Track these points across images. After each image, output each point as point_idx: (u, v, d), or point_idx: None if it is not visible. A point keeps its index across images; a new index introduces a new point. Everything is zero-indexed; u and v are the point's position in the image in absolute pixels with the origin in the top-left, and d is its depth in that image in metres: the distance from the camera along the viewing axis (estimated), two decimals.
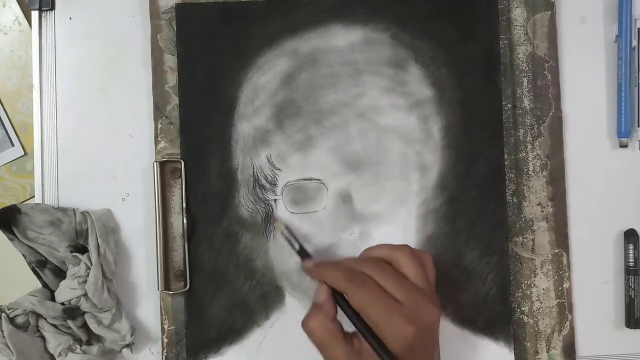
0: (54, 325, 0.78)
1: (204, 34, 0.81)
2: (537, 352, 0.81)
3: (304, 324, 0.70)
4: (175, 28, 0.81)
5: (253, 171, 0.81)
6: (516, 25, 0.82)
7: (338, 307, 0.71)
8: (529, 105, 0.82)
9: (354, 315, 0.69)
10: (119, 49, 0.83)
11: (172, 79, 0.81)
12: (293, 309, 0.81)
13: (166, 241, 0.81)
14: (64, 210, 0.79)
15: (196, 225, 0.81)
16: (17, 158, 0.85)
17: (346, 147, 0.80)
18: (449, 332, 0.80)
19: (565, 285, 0.81)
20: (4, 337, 0.75)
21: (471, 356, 0.81)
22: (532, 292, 0.81)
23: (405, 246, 0.72)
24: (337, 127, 0.80)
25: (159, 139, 0.81)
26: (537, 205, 0.82)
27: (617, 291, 0.83)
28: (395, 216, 0.81)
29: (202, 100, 0.81)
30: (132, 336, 0.79)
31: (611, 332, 0.83)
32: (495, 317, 0.81)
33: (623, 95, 0.82)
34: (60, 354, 0.77)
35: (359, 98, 0.81)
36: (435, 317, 0.69)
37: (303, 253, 0.77)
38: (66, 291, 0.77)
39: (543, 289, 0.81)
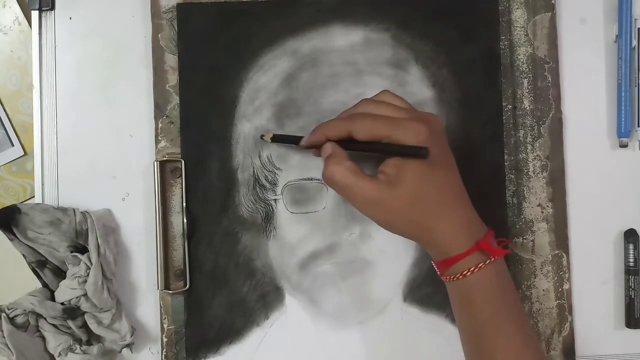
0: (54, 325, 0.78)
1: (205, 33, 0.81)
2: None
3: (324, 176, 0.70)
4: (176, 27, 0.81)
5: (253, 171, 0.81)
6: (517, 27, 0.82)
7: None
8: (529, 106, 0.82)
9: (367, 145, 0.69)
10: (119, 48, 0.83)
11: (172, 78, 0.81)
12: (292, 309, 0.81)
13: (166, 241, 0.81)
14: (64, 210, 0.79)
15: (196, 225, 0.81)
16: (17, 158, 0.85)
17: None
18: (450, 333, 0.80)
19: (565, 286, 0.81)
20: (4, 337, 0.75)
21: None
22: (532, 293, 0.81)
23: (385, 90, 0.73)
24: None
25: (160, 139, 0.81)
26: (537, 206, 0.82)
27: (617, 291, 0.83)
28: None
29: (202, 99, 0.81)
30: (132, 336, 0.79)
31: (611, 332, 0.83)
32: None
33: (623, 95, 0.82)
34: (60, 354, 0.77)
35: (360, 98, 0.80)
36: (440, 121, 0.72)
37: (296, 138, 0.76)
38: (66, 291, 0.77)
39: (543, 290, 0.81)
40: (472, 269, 0.67)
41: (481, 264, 0.67)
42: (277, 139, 0.79)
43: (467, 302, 0.70)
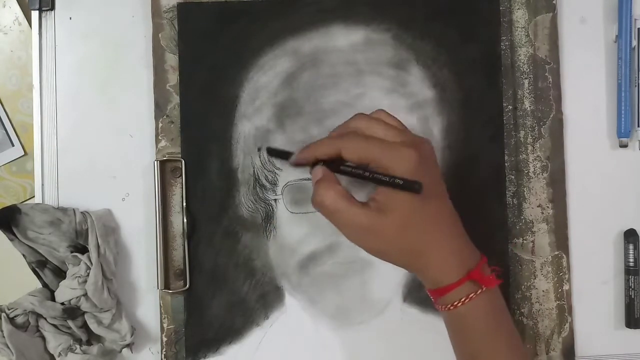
0: (54, 325, 0.78)
1: (206, 33, 0.81)
2: (536, 354, 0.81)
3: (313, 201, 0.68)
4: (177, 27, 0.81)
5: (253, 171, 0.81)
6: (517, 27, 0.82)
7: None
8: (529, 107, 0.82)
9: (356, 169, 0.67)
10: (119, 48, 0.83)
11: (173, 78, 0.81)
12: (292, 309, 0.81)
13: (166, 240, 0.81)
14: (64, 210, 0.79)
15: (196, 225, 0.81)
16: (17, 158, 0.85)
17: None
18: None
19: (565, 287, 0.82)
20: (4, 337, 0.75)
21: None
22: (531, 293, 0.82)
23: (381, 110, 0.72)
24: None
25: (160, 138, 0.81)
26: (538, 207, 0.82)
27: (617, 291, 0.83)
28: None
29: (203, 99, 0.81)
30: (132, 336, 0.79)
31: (611, 332, 0.83)
32: None
33: (623, 95, 0.82)
34: (60, 354, 0.77)
35: (360, 98, 0.81)
36: (430, 145, 0.70)
37: (287, 154, 0.73)
38: (66, 291, 0.77)
39: (543, 291, 0.82)
40: (462, 299, 0.67)
41: (472, 294, 0.66)
42: (271, 152, 0.79)
43: (460, 331, 0.69)
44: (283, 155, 0.74)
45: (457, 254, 0.68)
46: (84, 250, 0.78)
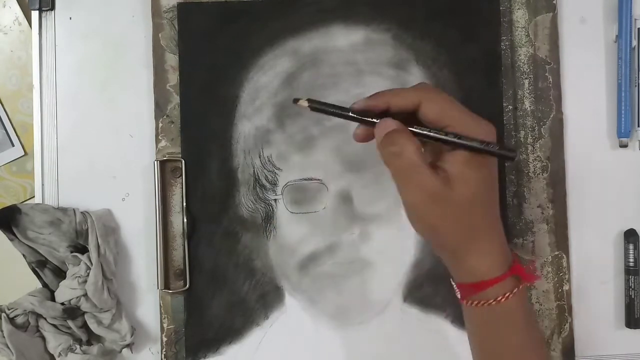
0: (54, 325, 0.78)
1: (206, 33, 0.81)
2: None
3: (387, 152, 0.61)
4: (177, 27, 0.81)
5: (253, 170, 0.81)
6: (518, 27, 0.82)
7: None
8: (529, 107, 0.82)
9: (435, 131, 0.61)
10: (119, 48, 0.83)
11: (173, 77, 0.81)
12: (292, 309, 0.81)
13: (166, 240, 0.81)
14: (64, 210, 0.79)
15: (196, 225, 0.81)
16: (17, 158, 0.85)
17: (347, 147, 0.80)
18: (449, 334, 0.80)
19: (565, 287, 0.82)
20: (4, 337, 0.75)
21: (471, 357, 0.81)
22: (531, 294, 0.81)
23: (426, 84, 0.66)
24: (338, 127, 0.80)
25: (160, 138, 0.81)
26: (538, 207, 0.82)
27: (617, 291, 0.83)
28: (395, 217, 0.81)
29: (203, 99, 0.81)
30: (132, 336, 0.79)
31: (611, 332, 0.83)
32: None
33: (623, 95, 0.82)
34: (60, 354, 0.77)
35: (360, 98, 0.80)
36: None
37: (342, 108, 0.64)
38: (66, 291, 0.77)
39: (543, 291, 0.81)
40: (507, 294, 0.62)
41: (515, 290, 0.62)
42: (316, 105, 0.64)
43: (492, 327, 0.65)
44: (335, 110, 0.64)
45: (504, 246, 0.64)
46: (84, 250, 0.78)
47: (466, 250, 0.63)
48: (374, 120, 0.63)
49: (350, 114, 0.63)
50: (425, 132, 0.61)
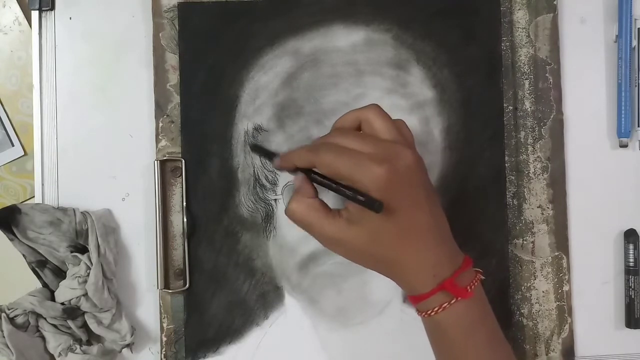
0: (54, 325, 0.78)
1: (206, 32, 0.81)
2: (536, 355, 0.81)
3: (286, 211, 0.69)
4: (177, 27, 0.81)
5: (254, 170, 0.81)
6: (518, 28, 0.82)
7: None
8: (530, 107, 0.82)
9: (329, 181, 0.65)
10: (119, 48, 0.82)
11: (173, 77, 0.81)
12: (292, 309, 0.81)
13: (166, 240, 0.81)
14: (64, 210, 0.79)
15: (196, 224, 0.81)
16: (17, 158, 0.85)
17: None
18: None
19: (565, 288, 0.82)
20: (4, 337, 0.75)
21: None
22: (531, 294, 0.82)
23: (374, 105, 0.69)
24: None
25: (160, 138, 0.81)
26: (538, 207, 0.82)
27: (617, 291, 0.83)
28: None
29: (203, 99, 0.81)
30: (132, 336, 0.79)
31: (611, 332, 0.83)
32: None
33: (623, 95, 0.82)
34: (60, 354, 0.77)
35: (361, 99, 0.80)
36: (410, 158, 0.65)
37: (272, 155, 0.71)
38: (66, 291, 0.77)
39: (543, 292, 0.82)
40: (435, 308, 0.65)
41: (445, 304, 0.65)
42: (255, 149, 0.79)
43: (436, 337, 0.69)
44: (268, 155, 0.73)
45: (430, 265, 0.66)
46: (84, 250, 0.78)
47: (391, 271, 0.68)
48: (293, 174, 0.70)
49: (274, 166, 0.72)
50: (319, 180, 0.67)
